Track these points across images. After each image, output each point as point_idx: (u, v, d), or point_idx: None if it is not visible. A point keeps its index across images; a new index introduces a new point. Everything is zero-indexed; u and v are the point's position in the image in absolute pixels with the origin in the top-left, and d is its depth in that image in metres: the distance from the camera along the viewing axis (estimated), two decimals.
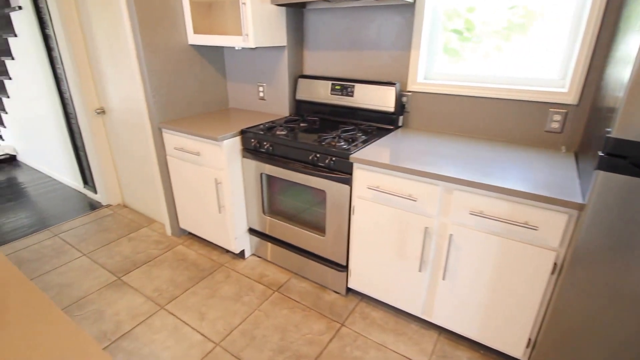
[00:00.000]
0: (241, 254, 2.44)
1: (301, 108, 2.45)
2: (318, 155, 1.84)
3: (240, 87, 2.66)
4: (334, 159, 1.79)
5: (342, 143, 1.83)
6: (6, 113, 4.12)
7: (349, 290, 2.10)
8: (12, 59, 3.45)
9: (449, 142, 1.87)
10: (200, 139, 2.13)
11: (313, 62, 2.39)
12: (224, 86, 2.72)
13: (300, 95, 2.39)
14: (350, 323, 1.90)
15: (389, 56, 2.08)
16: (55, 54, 2.85)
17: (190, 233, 2.71)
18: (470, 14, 1.87)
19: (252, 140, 2.09)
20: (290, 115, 2.46)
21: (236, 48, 2.53)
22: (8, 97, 3.89)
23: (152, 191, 2.83)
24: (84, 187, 3.40)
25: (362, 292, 1.97)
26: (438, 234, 1.60)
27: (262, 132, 2.05)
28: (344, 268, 1.99)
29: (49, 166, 3.85)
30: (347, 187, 1.78)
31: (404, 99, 2.09)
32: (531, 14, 1.73)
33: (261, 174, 2.13)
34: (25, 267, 2.38)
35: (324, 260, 2.06)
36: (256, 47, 2.42)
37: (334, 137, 1.90)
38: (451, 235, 1.53)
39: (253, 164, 2.14)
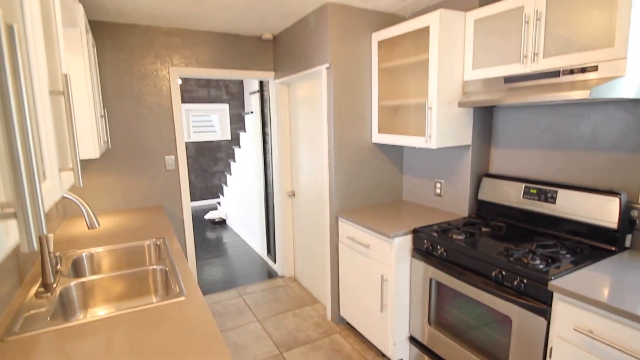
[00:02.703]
0: None
1: (483, 210, 2.20)
2: (504, 273, 1.55)
3: (416, 182, 2.64)
4: (525, 280, 1.46)
5: (538, 262, 1.49)
6: (226, 186, 5.35)
7: None
8: (240, 147, 4.54)
9: None
10: (371, 233, 2.15)
11: (502, 161, 2.17)
12: (400, 179, 2.76)
13: (484, 196, 2.17)
14: None
15: (609, 159, 1.68)
16: (268, 146, 3.58)
17: (348, 323, 2.66)
18: None
19: (425, 241, 1.96)
20: (469, 217, 2.23)
21: (417, 147, 2.57)
22: (230, 174, 5.07)
23: (320, 273, 2.98)
24: (267, 255, 3.92)
25: None
26: None
27: (436, 234, 1.91)
28: None
29: (246, 233, 4.66)
30: (543, 320, 1.40)
31: (635, 214, 1.59)
32: None
33: (431, 279, 1.94)
34: (217, 319, 2.79)
35: None
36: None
37: (527, 252, 1.58)
38: None
39: (422, 267, 1.98)
